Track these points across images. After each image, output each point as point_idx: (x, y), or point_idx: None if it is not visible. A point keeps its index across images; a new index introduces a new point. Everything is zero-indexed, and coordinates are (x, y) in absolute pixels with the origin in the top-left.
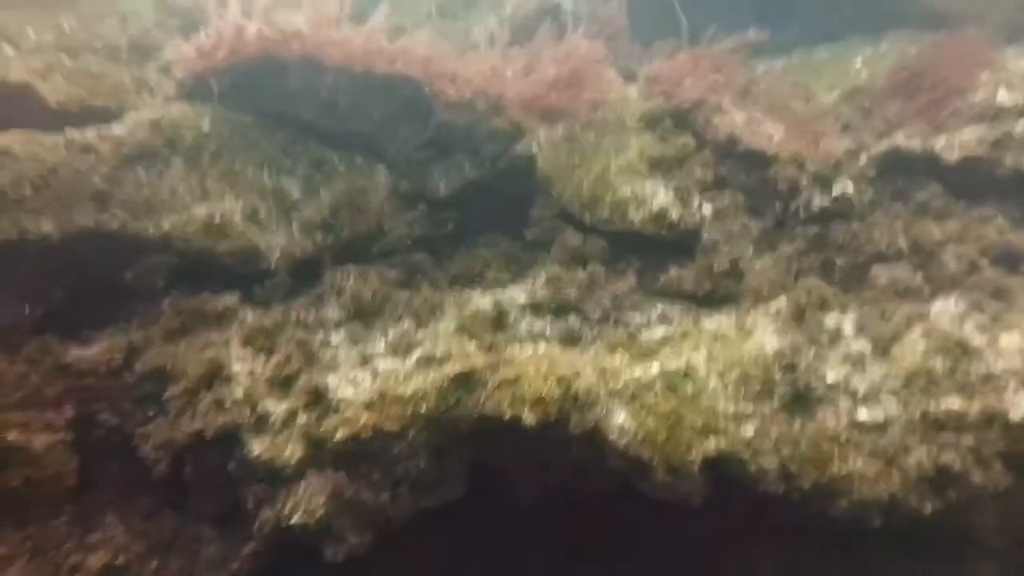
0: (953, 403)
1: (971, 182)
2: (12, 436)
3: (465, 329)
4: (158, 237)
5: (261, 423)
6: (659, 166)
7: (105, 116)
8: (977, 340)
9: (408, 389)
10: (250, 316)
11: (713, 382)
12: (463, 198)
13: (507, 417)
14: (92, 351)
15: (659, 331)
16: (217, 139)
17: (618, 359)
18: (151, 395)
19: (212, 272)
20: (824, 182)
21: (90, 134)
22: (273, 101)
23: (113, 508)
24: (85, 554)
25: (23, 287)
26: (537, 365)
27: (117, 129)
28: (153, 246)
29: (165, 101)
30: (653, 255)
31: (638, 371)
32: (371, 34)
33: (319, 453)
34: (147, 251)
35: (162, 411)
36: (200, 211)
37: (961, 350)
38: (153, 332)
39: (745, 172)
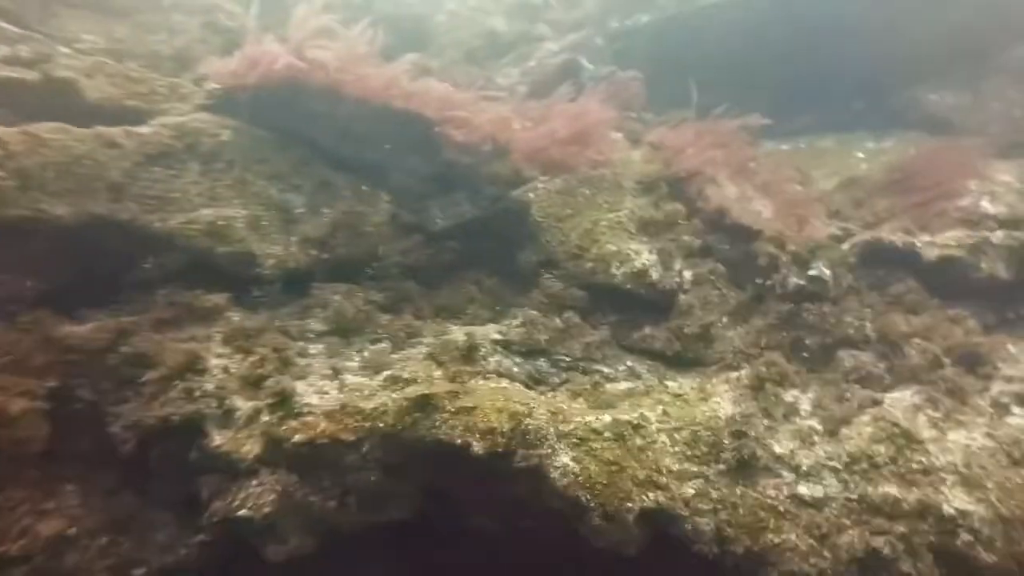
0: (891, 490)
1: (948, 282)
2: None
3: (434, 357)
4: (163, 233)
5: (226, 417)
6: (647, 228)
7: (136, 117)
8: (925, 433)
9: (370, 404)
10: (236, 317)
11: (662, 438)
12: (458, 234)
13: (458, 443)
14: (82, 329)
15: (623, 384)
16: (233, 149)
17: (574, 404)
18: (130, 378)
19: (209, 272)
20: (802, 263)
21: (117, 131)
22: (292, 122)
23: (75, 480)
24: (38, 519)
25: (32, 262)
26: (494, 399)
27: (143, 129)
28: (158, 241)
29: (193, 109)
30: (629, 311)
31: (590, 417)
32: (392, 72)
33: (275, 453)
34: (152, 245)
35: (137, 394)
36: (206, 213)
37: (907, 440)
38: (143, 320)
39: (730, 244)
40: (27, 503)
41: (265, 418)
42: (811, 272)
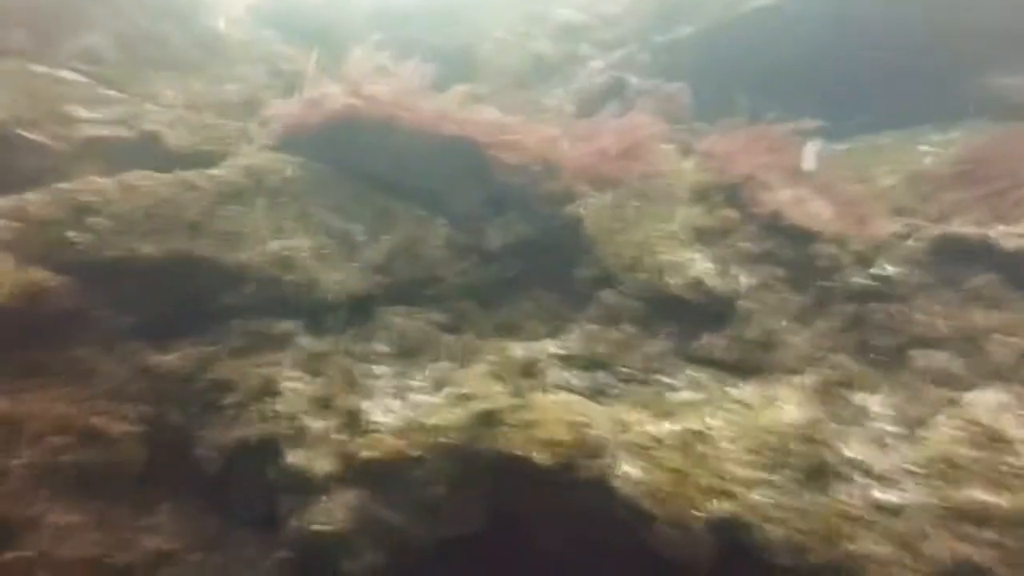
0: (980, 494)
1: None
2: (96, 421)
3: (495, 373)
4: (237, 265)
5: (299, 436)
6: (702, 236)
7: (211, 160)
8: (1014, 432)
9: (434, 420)
10: (305, 342)
11: (727, 445)
12: (513, 253)
13: (520, 455)
14: (170, 358)
15: (685, 394)
16: (297, 184)
17: (636, 415)
18: (213, 403)
19: (279, 300)
20: (866, 262)
21: (194, 174)
22: (351, 156)
23: (169, 499)
24: (141, 535)
25: (126, 297)
26: (554, 411)
27: (216, 171)
28: (232, 273)
29: (260, 150)
30: (688, 320)
31: (651, 427)
32: (443, 103)
33: (347, 469)
34: (227, 277)
35: (219, 417)
36: (274, 245)
37: (994, 441)
38: (222, 348)
39: (788, 247)
40: (131, 519)
41: (335, 436)
42: (875, 271)
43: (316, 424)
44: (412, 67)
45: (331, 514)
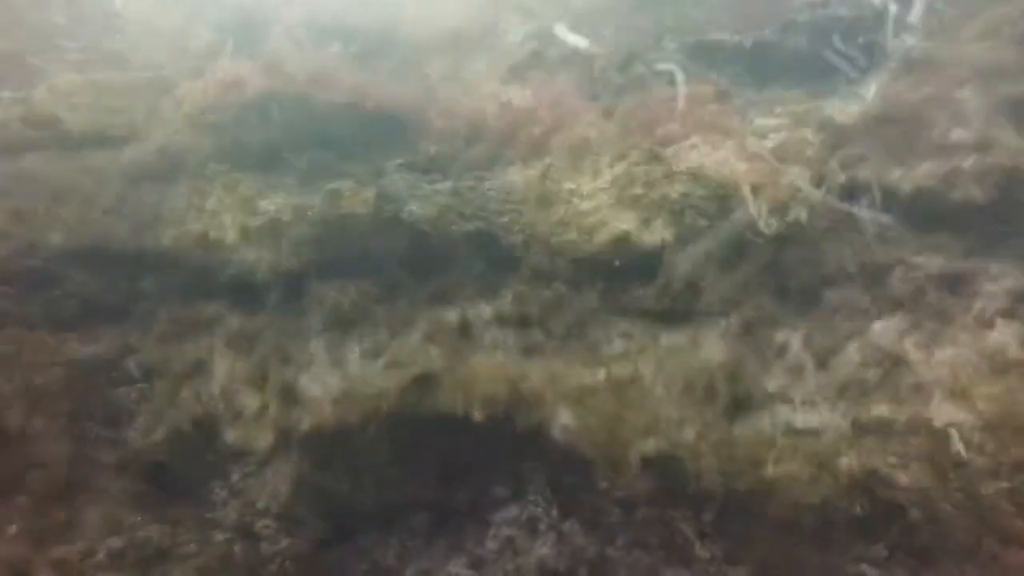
0: (883, 410)
1: (926, 211)
2: (12, 420)
3: (431, 338)
4: (158, 249)
5: (237, 414)
6: (627, 194)
7: (120, 143)
8: (912, 355)
9: (372, 388)
10: (236, 322)
11: (659, 389)
12: (443, 221)
13: (460, 414)
14: (92, 349)
15: (618, 345)
16: (216, 163)
17: (571, 367)
18: (142, 389)
19: (206, 282)
20: (781, 210)
21: (103, 157)
22: (271, 134)
23: (103, 491)
24: (71, 528)
25: (36, 288)
26: (491, 369)
27: (129, 153)
28: (154, 257)
29: (174, 132)
30: (617, 276)
31: (586, 377)
32: (363, 79)
33: (286, 443)
34: (149, 261)
35: (151, 403)
36: (196, 227)
37: (894, 363)
38: (148, 334)
39: (709, 200)
40: (60, 515)
41: (273, 412)
42: (789, 218)
43: (253, 401)
44: (333, 46)
45: (274, 488)
